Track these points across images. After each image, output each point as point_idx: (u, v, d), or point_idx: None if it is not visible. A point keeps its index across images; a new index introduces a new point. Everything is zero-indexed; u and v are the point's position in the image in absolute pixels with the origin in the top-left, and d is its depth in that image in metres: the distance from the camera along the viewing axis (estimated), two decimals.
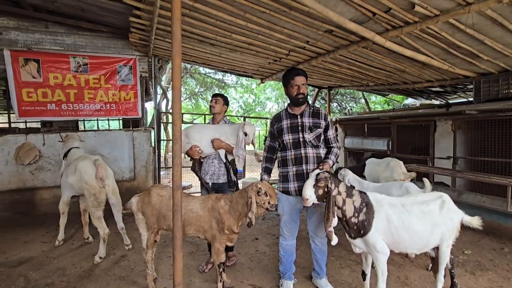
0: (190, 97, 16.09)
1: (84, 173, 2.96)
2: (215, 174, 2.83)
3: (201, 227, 2.34)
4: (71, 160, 3.28)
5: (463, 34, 2.80)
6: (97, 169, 2.92)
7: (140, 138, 4.98)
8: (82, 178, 2.95)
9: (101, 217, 3.01)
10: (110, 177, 3.08)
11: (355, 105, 13.11)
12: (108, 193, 3.03)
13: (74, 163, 3.11)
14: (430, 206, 2.08)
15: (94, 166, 2.98)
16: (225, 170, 2.83)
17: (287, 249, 2.42)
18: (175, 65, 1.86)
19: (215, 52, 4.25)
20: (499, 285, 2.55)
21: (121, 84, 4.78)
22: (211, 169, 2.84)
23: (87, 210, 3.50)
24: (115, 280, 2.59)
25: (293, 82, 2.29)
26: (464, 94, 5.57)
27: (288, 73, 2.35)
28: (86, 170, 2.97)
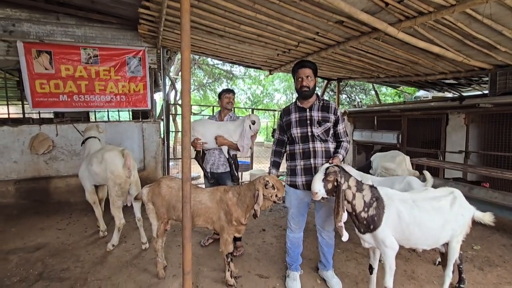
0: (199, 88, 16.10)
1: (110, 163, 2.98)
2: (215, 164, 3.05)
3: (209, 218, 2.38)
4: (90, 150, 3.35)
5: (480, 25, 2.70)
6: (126, 159, 2.98)
7: (149, 129, 5.05)
8: (108, 168, 2.98)
9: (121, 207, 3.09)
10: (135, 168, 3.15)
11: (365, 97, 12.89)
12: (132, 183, 3.09)
13: (100, 152, 3.14)
14: (442, 202, 2.06)
15: (121, 157, 3.02)
16: (225, 161, 3.02)
17: (294, 241, 2.45)
18: (185, 59, 1.86)
19: (224, 44, 4.22)
20: (508, 281, 2.54)
21: (130, 75, 4.82)
22: (212, 159, 3.06)
23: (103, 200, 3.65)
24: (126, 267, 2.69)
25: (297, 75, 2.28)
26: (479, 86, 5.40)
27: (295, 66, 2.34)
28: (113, 160, 2.99)
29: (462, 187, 3.94)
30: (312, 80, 2.27)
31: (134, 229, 3.59)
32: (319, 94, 2.41)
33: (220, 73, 14.72)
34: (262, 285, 2.44)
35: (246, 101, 19.08)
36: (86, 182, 3.31)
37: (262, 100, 19.01)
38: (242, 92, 18.59)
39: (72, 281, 2.46)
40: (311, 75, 2.25)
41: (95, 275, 2.54)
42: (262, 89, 18.72)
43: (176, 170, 7.54)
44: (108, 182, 3.03)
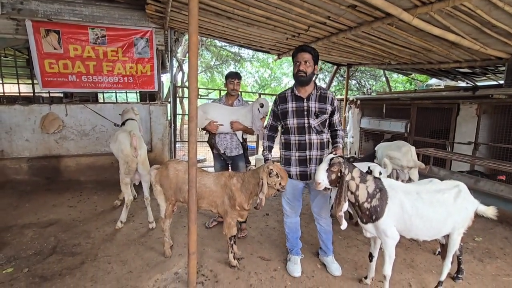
0: (206, 70, 15.94)
1: (121, 143, 3.29)
2: (228, 148, 3.12)
3: (213, 202, 2.45)
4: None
5: (501, 12, 2.58)
6: (132, 138, 3.24)
7: (156, 111, 5.08)
8: (119, 147, 3.29)
9: (129, 184, 3.29)
10: (142, 149, 3.35)
11: (375, 83, 12.61)
12: (139, 163, 3.30)
13: (115, 134, 3.46)
14: (446, 195, 2.06)
15: (129, 137, 3.28)
16: (237, 144, 3.12)
17: (292, 226, 2.50)
18: (192, 44, 1.85)
19: (232, 26, 4.13)
20: (507, 273, 2.57)
21: (138, 57, 4.79)
22: (224, 143, 3.11)
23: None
24: (134, 245, 2.81)
25: (296, 59, 2.19)
26: (495, 76, 5.22)
27: (295, 50, 2.26)
28: (123, 140, 3.28)
29: (468, 179, 3.92)
30: (311, 66, 2.18)
31: (142, 209, 3.71)
32: (317, 83, 2.34)
33: (228, 55, 14.48)
34: (264, 267, 2.53)
35: (253, 84, 18.86)
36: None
37: (269, 84, 18.77)
38: (250, 75, 18.34)
39: (84, 256, 2.59)
40: (309, 61, 2.17)
41: (104, 251, 2.67)
42: (270, 72, 18.43)
43: (182, 153, 7.64)
44: (119, 160, 3.33)
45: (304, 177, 2.34)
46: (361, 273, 2.48)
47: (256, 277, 2.38)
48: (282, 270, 2.50)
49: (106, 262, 2.50)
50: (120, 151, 3.27)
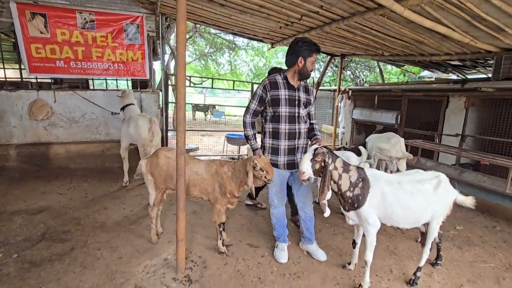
0: (200, 58, 15.69)
1: (141, 127, 3.68)
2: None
3: (204, 189, 2.48)
4: (132, 115, 3.96)
5: (490, 6, 2.59)
6: (152, 124, 3.68)
7: (148, 99, 5.03)
8: (138, 131, 3.68)
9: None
10: (158, 135, 3.84)
11: (369, 74, 12.63)
12: (153, 146, 3.75)
13: (136, 117, 3.82)
14: (426, 185, 2.12)
15: (149, 123, 3.70)
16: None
17: (279, 216, 2.55)
18: (180, 32, 1.83)
19: (225, 13, 4.06)
20: (483, 259, 2.69)
21: (128, 43, 4.70)
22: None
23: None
24: (124, 232, 2.84)
25: (314, 57, 2.23)
26: (484, 69, 5.29)
27: (313, 46, 2.19)
28: (143, 125, 3.69)
29: (453, 170, 4.03)
30: None
31: (133, 196, 3.74)
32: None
33: (222, 43, 14.25)
34: (252, 254, 2.60)
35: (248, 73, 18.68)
36: (124, 140, 3.98)
37: (264, 73, 18.60)
38: (244, 63, 18.13)
39: (73, 242, 2.62)
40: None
41: (94, 238, 2.70)
42: (265, 61, 18.24)
43: (175, 141, 7.60)
44: (137, 143, 3.78)
45: (291, 166, 2.38)
46: (345, 259, 2.57)
47: (244, 263, 2.45)
48: (270, 256, 2.58)
49: (95, 249, 2.53)
50: (138, 135, 3.67)
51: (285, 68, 2.36)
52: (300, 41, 2.21)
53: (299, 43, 2.20)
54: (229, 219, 3.15)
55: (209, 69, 17.05)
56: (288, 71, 2.30)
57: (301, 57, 2.19)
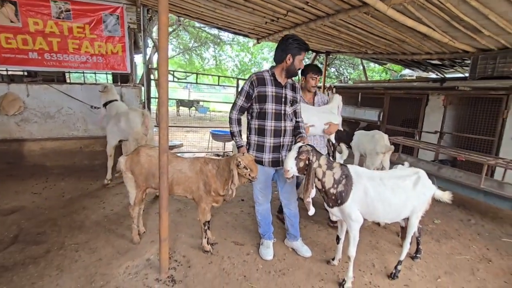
0: (184, 52, 15.36)
1: (133, 121, 3.60)
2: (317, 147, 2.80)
3: (188, 188, 2.42)
4: (119, 111, 3.85)
5: (468, 7, 2.68)
6: (145, 118, 3.63)
7: (129, 94, 4.85)
8: (130, 125, 3.60)
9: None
10: (151, 128, 3.81)
11: (353, 72, 12.85)
12: (147, 140, 3.69)
13: (126, 112, 3.73)
14: (406, 181, 2.18)
15: (142, 117, 3.64)
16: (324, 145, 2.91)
17: (264, 213, 2.54)
18: (162, 24, 1.75)
19: (209, 7, 3.96)
20: (459, 252, 2.82)
21: (107, 35, 4.50)
22: (314, 143, 2.85)
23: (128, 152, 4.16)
24: (104, 232, 2.74)
25: (302, 55, 2.21)
26: (461, 69, 5.49)
27: (302, 44, 2.18)
28: (135, 119, 3.62)
29: (432, 166, 4.18)
30: None
31: (114, 195, 3.61)
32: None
33: (207, 37, 14.02)
34: (237, 252, 2.58)
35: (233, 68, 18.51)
36: (111, 137, 3.88)
37: (250, 68, 18.49)
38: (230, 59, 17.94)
39: (49, 244, 2.49)
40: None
41: (72, 240, 2.58)
42: (250, 57, 18.12)
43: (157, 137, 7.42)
44: (129, 137, 3.68)
45: (276, 164, 2.37)
46: (329, 255, 2.61)
47: (229, 261, 2.43)
48: (255, 254, 2.57)
49: (73, 250, 2.42)
50: (131, 129, 3.61)
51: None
52: (290, 38, 2.18)
53: (289, 40, 2.17)
54: (214, 217, 3.11)
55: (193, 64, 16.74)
56: (276, 67, 2.28)
57: (290, 55, 2.17)
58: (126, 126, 3.65)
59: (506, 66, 3.72)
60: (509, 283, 2.39)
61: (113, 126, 3.81)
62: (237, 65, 18.36)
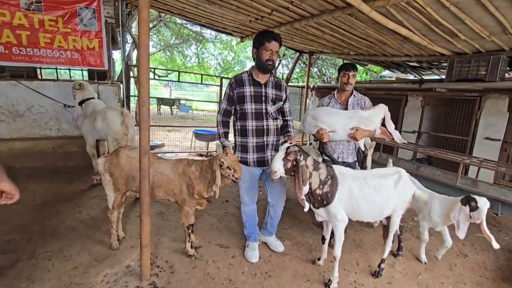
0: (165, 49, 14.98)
1: (111, 121, 3.45)
2: (344, 153, 2.70)
3: (171, 190, 2.33)
4: (96, 109, 3.68)
5: (447, 11, 2.76)
6: (125, 117, 3.48)
7: (106, 92, 4.63)
8: (109, 125, 3.45)
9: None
10: (132, 127, 3.64)
11: (335, 72, 13.07)
12: (128, 140, 3.54)
13: (103, 111, 3.57)
14: (388, 180, 2.22)
15: (121, 116, 3.50)
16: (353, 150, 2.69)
17: (250, 214, 2.52)
18: (142, 20, 1.66)
19: (192, 3, 3.85)
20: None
21: (83, 29, 4.26)
22: (339, 147, 2.69)
23: (105, 153, 3.97)
24: (80, 239, 2.58)
25: (268, 45, 2.10)
26: (438, 71, 5.72)
27: (264, 34, 2.14)
28: (114, 118, 3.47)
29: (411, 165, 4.31)
30: (277, 56, 2.19)
31: (90, 199, 3.43)
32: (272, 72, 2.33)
33: (189, 34, 13.73)
34: (222, 255, 2.52)
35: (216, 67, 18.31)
36: (89, 137, 3.75)
37: (233, 67, 18.38)
38: (213, 57, 17.73)
39: (19, 253, 2.31)
40: (278, 50, 2.16)
41: (44, 247, 2.41)
42: (233, 55, 18.00)
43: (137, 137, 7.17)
44: (108, 138, 3.52)
45: (261, 163, 2.34)
46: (315, 255, 2.61)
47: (214, 265, 2.37)
48: (241, 256, 2.52)
49: (46, 259, 2.26)
50: (109, 129, 3.45)
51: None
52: (259, 33, 2.18)
53: (257, 35, 2.18)
54: (198, 219, 3.03)
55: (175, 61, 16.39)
56: (253, 68, 2.27)
57: (254, 49, 2.18)
58: (104, 126, 3.50)
59: (479, 69, 3.90)
60: (484, 277, 2.50)
61: (89, 125, 3.65)
62: (220, 63, 18.18)
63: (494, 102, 4.19)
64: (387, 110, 2.62)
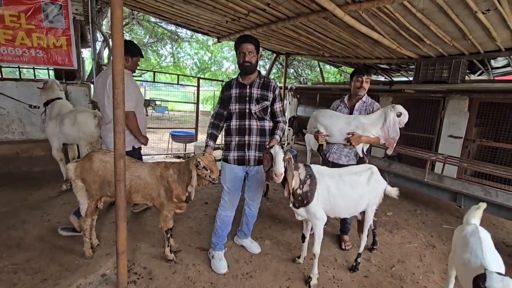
0: None
1: (83, 123, 3.28)
2: (336, 154, 2.69)
3: (148, 195, 2.27)
4: (62, 111, 3.47)
5: (413, 17, 2.94)
6: (99, 120, 3.26)
7: (75, 93, 4.40)
8: (81, 129, 3.29)
9: None
10: None
11: (310, 73, 13.38)
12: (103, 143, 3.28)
13: (72, 113, 3.39)
14: (362, 176, 2.32)
15: (94, 118, 3.33)
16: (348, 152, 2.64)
17: (225, 220, 2.42)
18: (116, 18, 1.60)
19: (167, 2, 3.77)
20: (409, 240, 3.09)
21: (48, 26, 4.01)
22: (334, 148, 2.70)
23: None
24: (49, 249, 2.43)
25: (239, 49, 2.18)
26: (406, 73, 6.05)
27: (238, 39, 2.23)
28: (86, 121, 3.30)
29: (383, 162, 4.52)
30: (254, 56, 2.20)
31: (60, 205, 3.24)
32: (261, 72, 2.36)
33: (164, 33, 13.39)
34: (202, 258, 2.49)
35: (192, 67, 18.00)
36: (54, 140, 3.50)
37: (210, 67, 18.18)
38: (189, 57, 17.41)
39: None
40: (253, 51, 2.18)
41: (9, 260, 2.24)
42: (210, 55, 17.80)
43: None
44: (80, 141, 3.35)
45: (241, 162, 2.30)
46: (295, 253, 2.66)
47: (194, 269, 2.33)
48: None
49: (11, 272, 2.10)
50: (82, 132, 3.30)
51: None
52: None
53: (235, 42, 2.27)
54: (177, 222, 2.97)
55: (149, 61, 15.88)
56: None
57: (236, 53, 2.26)
58: (74, 130, 3.31)
59: (443, 72, 4.19)
60: None
61: (54, 128, 3.42)
62: (197, 63, 17.90)
63: (456, 103, 4.51)
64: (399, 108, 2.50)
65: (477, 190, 3.23)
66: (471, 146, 4.51)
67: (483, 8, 2.58)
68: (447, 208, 4.11)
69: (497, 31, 3.09)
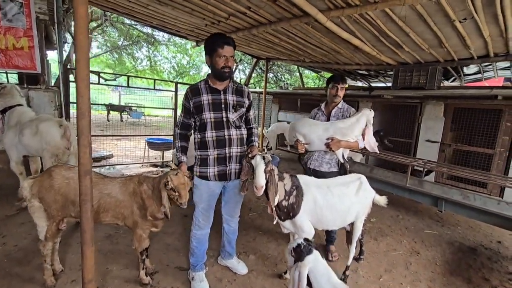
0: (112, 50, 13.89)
1: (47, 134, 2.97)
2: (317, 161, 2.65)
3: (120, 214, 2.05)
4: (22, 119, 3.16)
5: (394, 25, 2.95)
6: (65, 130, 3.00)
7: (39, 98, 4.02)
8: (43, 139, 2.96)
9: None
10: (75, 139, 3.07)
11: (290, 78, 13.48)
12: (71, 154, 3.10)
13: (33, 122, 3.07)
14: (350, 187, 2.24)
15: (58, 127, 3.02)
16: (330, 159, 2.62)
17: (201, 238, 2.25)
18: (79, 17, 1.40)
19: (141, 2, 3.54)
20: (394, 248, 3.07)
21: (7, 25, 3.64)
22: (315, 155, 2.67)
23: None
24: (4, 277, 2.12)
25: (221, 52, 1.91)
26: (384, 79, 6.19)
27: (216, 39, 1.93)
28: (50, 131, 2.98)
29: (365, 168, 4.53)
30: (233, 60, 2.03)
31: (19, 225, 2.89)
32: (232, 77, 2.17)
33: (140, 36, 12.95)
34: (182, 279, 2.29)
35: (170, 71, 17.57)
36: (12, 152, 3.20)
37: (188, 71, 17.84)
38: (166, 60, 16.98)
39: None
40: (233, 55, 2.01)
41: None
42: (188, 59, 17.48)
43: None
44: (43, 154, 3.02)
45: (223, 177, 2.12)
46: (281, 268, 2.53)
47: None
48: None
49: None
50: (45, 144, 2.97)
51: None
52: (208, 38, 1.99)
53: (207, 41, 1.99)
54: (153, 240, 2.74)
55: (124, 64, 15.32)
56: (209, 74, 2.09)
57: (207, 55, 2.01)
58: (35, 141, 3.00)
59: (420, 78, 4.29)
60: (435, 272, 2.67)
61: (12, 139, 3.11)
62: (174, 67, 17.50)
63: (432, 108, 4.64)
64: (370, 117, 2.54)
65: (456, 194, 3.28)
66: (447, 150, 4.65)
67: (460, 17, 2.63)
68: (427, 213, 4.18)
69: (471, 40, 3.19)
